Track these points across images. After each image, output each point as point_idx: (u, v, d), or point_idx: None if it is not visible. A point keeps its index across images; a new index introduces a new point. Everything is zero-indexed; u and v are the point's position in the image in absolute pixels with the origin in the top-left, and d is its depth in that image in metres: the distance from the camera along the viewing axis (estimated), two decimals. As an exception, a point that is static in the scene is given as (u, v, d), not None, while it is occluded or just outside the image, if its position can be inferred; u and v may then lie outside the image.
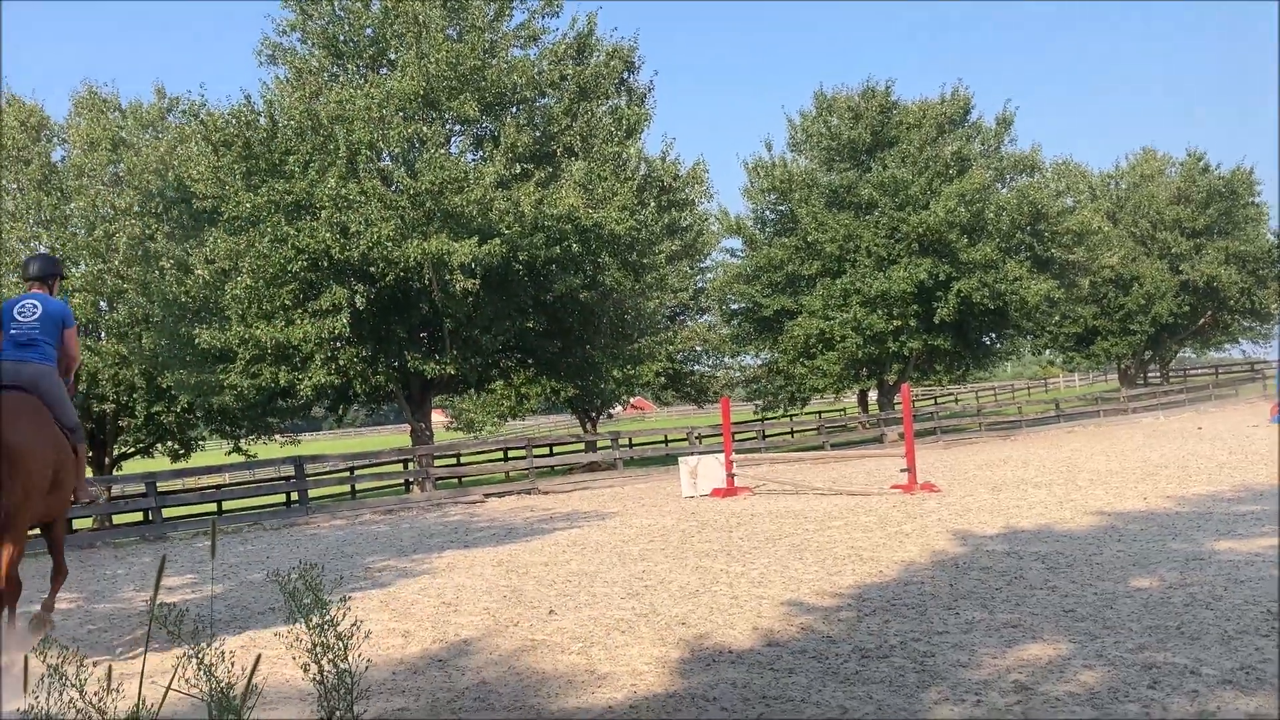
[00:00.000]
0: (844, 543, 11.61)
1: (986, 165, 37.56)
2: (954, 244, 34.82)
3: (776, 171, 39.51)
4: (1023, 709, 5.20)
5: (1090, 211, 42.41)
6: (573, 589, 9.70)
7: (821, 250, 37.28)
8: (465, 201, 22.27)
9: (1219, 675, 5.56)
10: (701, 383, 42.40)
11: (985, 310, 36.07)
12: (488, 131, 26.08)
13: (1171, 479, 16.07)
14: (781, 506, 16.35)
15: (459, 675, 6.72)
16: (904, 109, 38.77)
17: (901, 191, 35.89)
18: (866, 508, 15.17)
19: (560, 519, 17.16)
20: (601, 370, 28.75)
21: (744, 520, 14.67)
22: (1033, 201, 36.55)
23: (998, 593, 8.16)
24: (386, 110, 23.10)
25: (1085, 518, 12.26)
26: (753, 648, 6.89)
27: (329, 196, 22.27)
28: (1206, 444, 23.12)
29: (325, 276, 23.12)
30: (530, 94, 25.85)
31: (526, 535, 14.88)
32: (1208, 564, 8.75)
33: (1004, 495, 15.46)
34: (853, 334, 36.19)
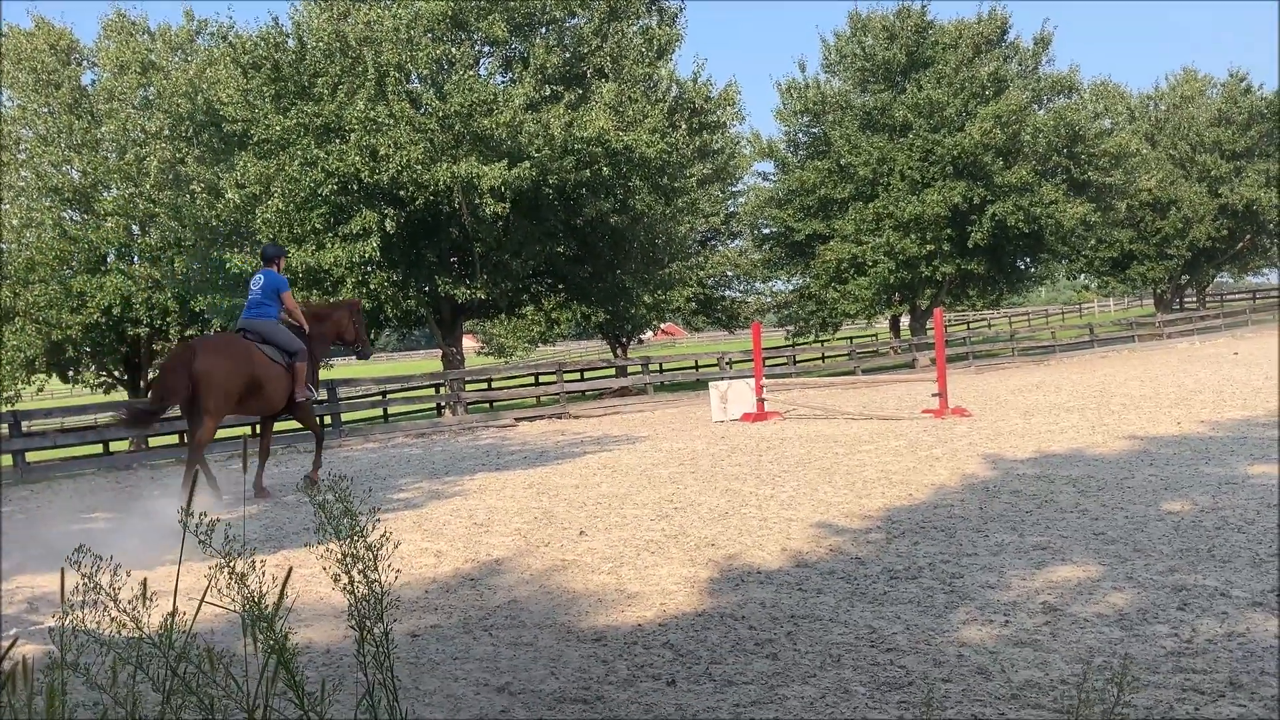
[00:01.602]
0: (874, 466, 11.62)
1: (1023, 86, 36.94)
2: (989, 167, 34.38)
3: (810, 93, 39.04)
4: (1051, 629, 5.21)
5: (1128, 134, 41.70)
6: (603, 511, 9.76)
7: (854, 173, 36.92)
8: (494, 124, 22.13)
9: (1249, 597, 5.54)
10: (733, 308, 42.29)
11: (1020, 234, 35.71)
12: (517, 53, 25.83)
13: (1206, 404, 15.94)
14: (812, 431, 16.36)
15: (490, 594, 6.80)
16: (940, 29, 38.10)
17: (936, 113, 35.40)
18: (897, 432, 15.16)
19: (590, 443, 17.24)
20: (632, 295, 28.73)
21: (774, 444, 14.70)
22: (1070, 123, 35.94)
23: (1028, 516, 8.15)
24: (415, 31, 22.90)
25: (1117, 442, 12.20)
26: (781, 568, 6.92)
27: (358, 119, 22.18)
28: (1242, 369, 22.89)
29: (355, 200, 23.11)
30: (560, 14, 25.54)
31: (557, 458, 14.97)
32: (1240, 488, 8.69)
33: (1036, 420, 15.39)
34: (885, 259, 35.95)
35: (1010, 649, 4.94)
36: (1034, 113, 36.66)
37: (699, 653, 5.21)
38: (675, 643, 5.40)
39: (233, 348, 11.78)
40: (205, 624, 5.66)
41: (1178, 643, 4.90)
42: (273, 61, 23.12)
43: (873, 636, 5.29)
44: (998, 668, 4.68)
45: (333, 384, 23.90)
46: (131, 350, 30.46)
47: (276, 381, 12.08)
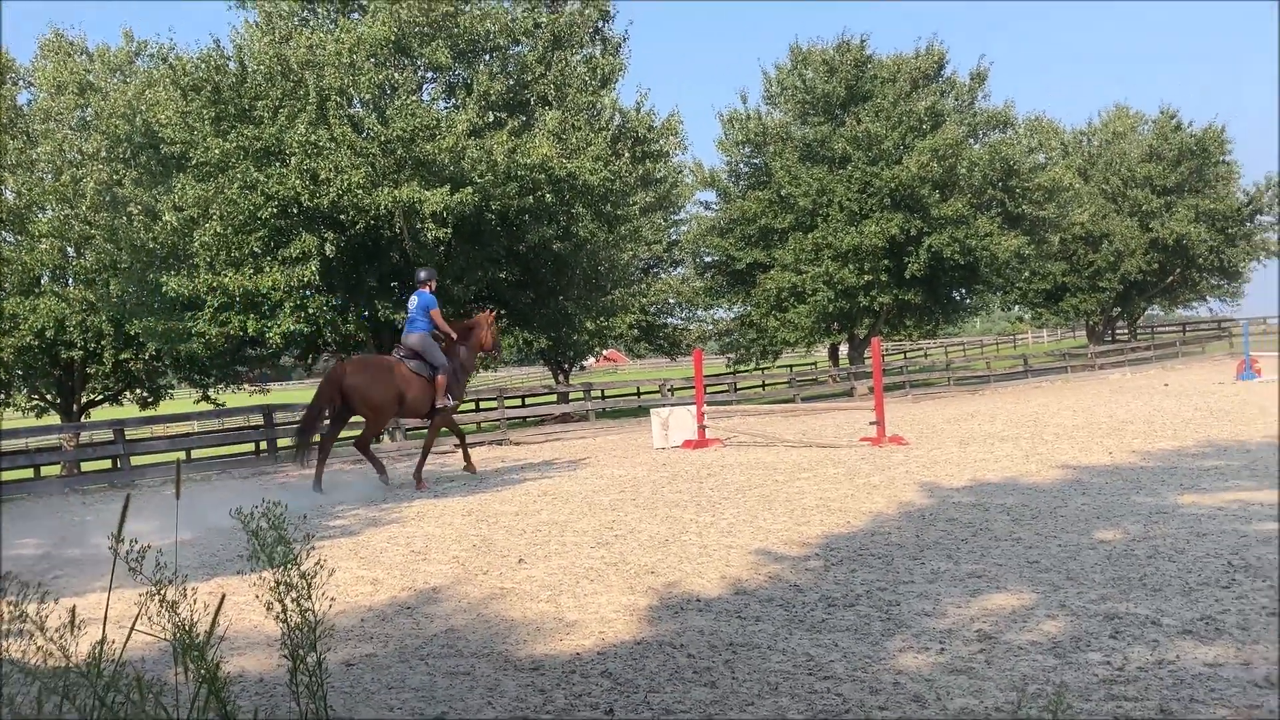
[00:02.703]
0: (813, 494, 11.69)
1: (959, 121, 37.57)
2: (926, 199, 34.90)
3: (751, 124, 39.42)
4: (986, 657, 5.27)
5: (1062, 168, 42.53)
6: (543, 538, 9.73)
7: (795, 204, 37.30)
8: (437, 149, 22.09)
9: (1179, 625, 5.64)
10: (674, 335, 42.45)
11: (956, 265, 36.25)
12: (460, 79, 25.83)
13: (1137, 434, 16.23)
14: (752, 458, 16.43)
15: (427, 622, 6.75)
16: (878, 63, 38.70)
17: (875, 146, 35.88)
18: (835, 459, 15.27)
19: (531, 469, 17.19)
20: (575, 322, 28.72)
21: (714, 471, 14.75)
22: (1005, 157, 36.64)
23: (963, 544, 8.24)
24: (357, 56, 22.81)
25: (1051, 471, 12.39)
26: (721, 596, 6.94)
27: (299, 143, 22.02)
28: (1173, 400, 23.36)
29: (295, 224, 22.92)
30: (504, 41, 25.58)
31: (497, 485, 14.90)
32: (1171, 517, 8.86)
33: (971, 449, 15.58)
34: (824, 288, 36.29)
35: (946, 676, 4.99)
36: (970, 147, 37.30)
37: (637, 681, 5.21)
38: (614, 671, 5.40)
39: (377, 366, 14.33)
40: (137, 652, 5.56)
41: (1110, 670, 4.98)
42: (213, 84, 22.90)
43: (810, 664, 5.32)
44: (933, 695, 4.72)
45: (268, 409, 23.63)
46: (65, 374, 29.89)
47: (419, 392, 14.41)
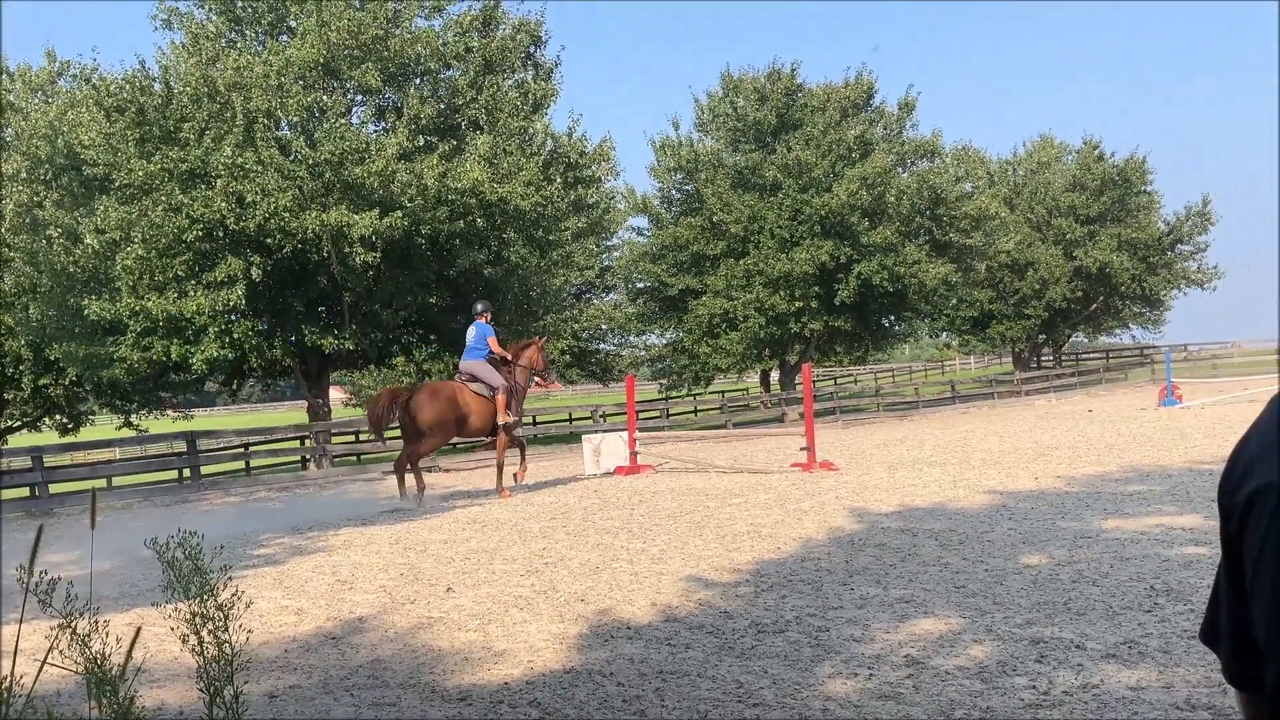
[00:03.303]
0: (743, 520, 11.69)
1: (888, 150, 38.10)
2: (855, 227, 35.29)
3: (683, 151, 39.63)
4: (914, 682, 5.27)
5: (988, 197, 43.28)
6: (471, 566, 9.62)
7: (726, 230, 37.52)
8: (366, 173, 21.93)
9: (1103, 649, 5.70)
10: (606, 361, 42.38)
11: (885, 293, 36.66)
12: (390, 103, 25.70)
13: (1062, 460, 16.47)
14: (683, 484, 16.42)
15: (353, 653, 6.62)
16: (809, 92, 39.13)
17: (805, 174, 36.24)
18: (766, 485, 15.30)
19: (461, 496, 17.02)
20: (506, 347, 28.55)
21: (646, 497, 14.70)
22: (932, 186, 37.21)
23: (892, 569, 8.28)
24: (285, 78, 22.62)
25: (978, 496, 12.51)
26: (651, 623, 6.89)
27: (225, 165, 21.74)
28: (1096, 426, 23.77)
29: (220, 247, 22.60)
30: (434, 65, 25.52)
31: (426, 512, 14.72)
32: (1095, 542, 8.97)
33: (900, 474, 15.71)
34: (755, 314, 36.51)
35: (874, 702, 4.99)
36: (898, 175, 37.84)
37: (566, 711, 5.14)
38: (542, 701, 5.32)
39: (442, 390, 15.73)
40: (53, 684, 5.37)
41: (1035, 695, 5.00)
42: (138, 105, 22.55)
43: (740, 691, 5.29)
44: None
45: (192, 435, 23.20)
46: (-20, 398, 29.15)
47: (482, 411, 15.75)
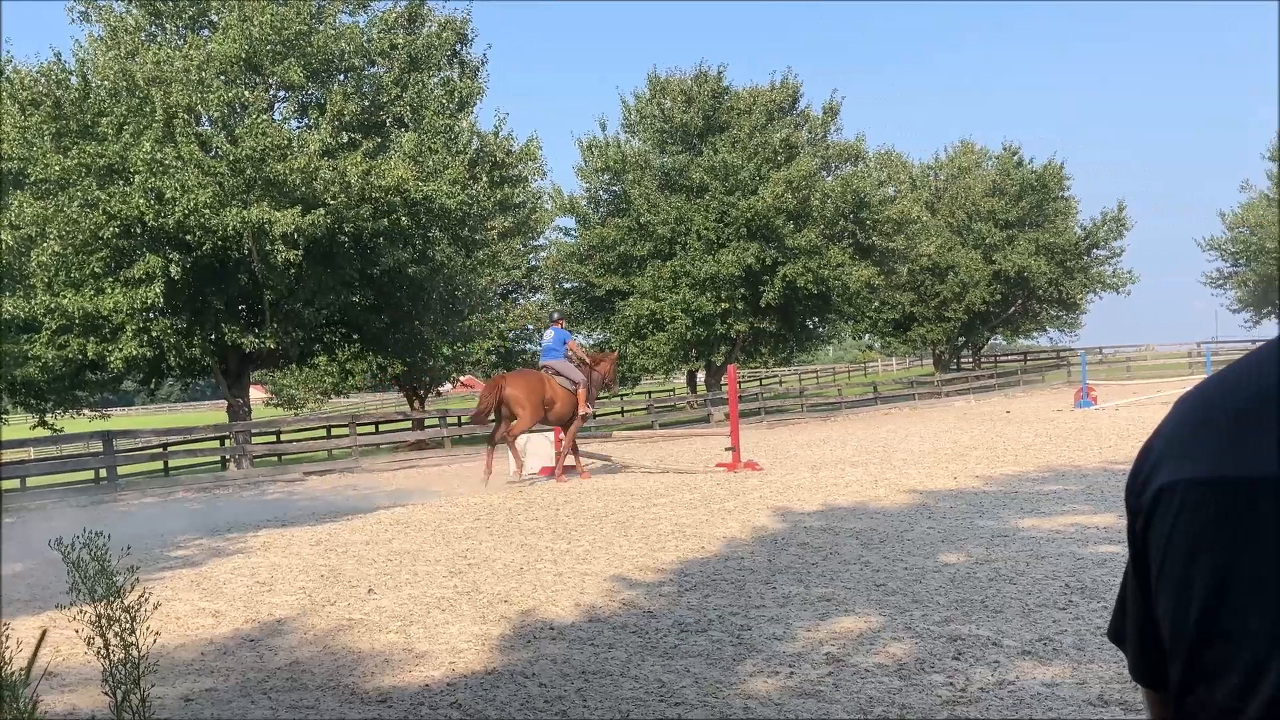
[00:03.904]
0: (668, 519, 11.72)
1: (813, 153, 38.45)
2: (780, 229, 35.56)
3: (610, 152, 39.62)
4: (834, 680, 5.32)
5: (910, 201, 43.83)
6: (393, 568, 9.53)
7: (653, 232, 37.59)
8: (288, 170, 21.63)
9: (1019, 646, 5.80)
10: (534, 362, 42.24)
11: (809, 295, 36.98)
12: (313, 99, 25.39)
13: (980, 460, 16.74)
14: (609, 484, 16.42)
15: (271, 655, 6.53)
16: (735, 95, 39.34)
17: (731, 176, 36.43)
18: (691, 485, 15.36)
19: (383, 497, 16.86)
20: (430, 347, 28.38)
21: (571, 498, 14.68)
22: (856, 190, 37.62)
23: (814, 567, 8.35)
24: (207, 73, 22.25)
25: (899, 496, 12.67)
26: (574, 623, 6.88)
27: (144, 161, 21.31)
28: (1014, 427, 24.19)
29: (139, 244, 22.16)
30: (359, 62, 25.26)
31: (348, 514, 14.56)
32: (1012, 540, 9.13)
33: (823, 474, 15.86)
34: (682, 315, 36.61)
35: (795, 700, 5.03)
36: (823, 179, 38.20)
37: (487, 712, 5.11)
38: (463, 702, 5.29)
39: (532, 378, 17.56)
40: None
41: (953, 691, 5.07)
42: (54, 99, 22.00)
43: (662, 690, 5.29)
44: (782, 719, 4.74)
45: (109, 435, 22.71)
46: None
47: (565, 400, 17.45)
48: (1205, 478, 1.07)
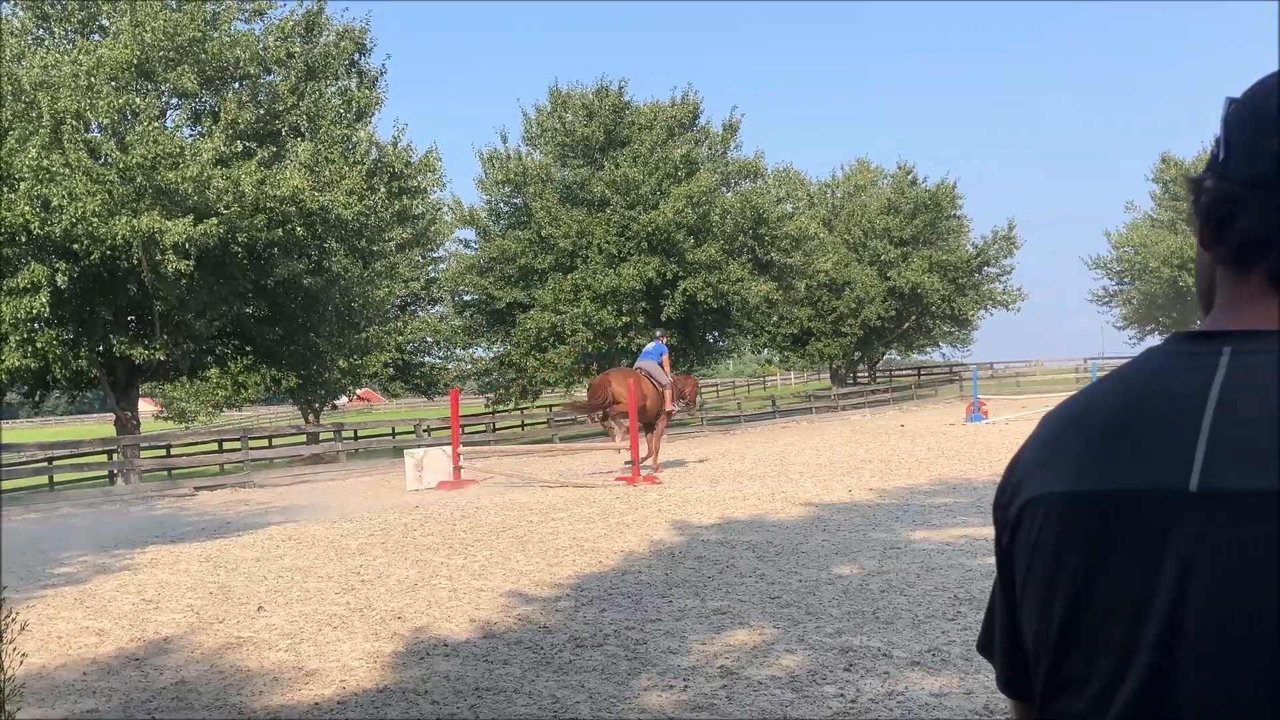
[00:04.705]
0: (566, 534, 11.70)
1: (713, 169, 38.80)
2: (681, 244, 35.82)
3: (511, 164, 39.52)
4: (728, 693, 5.36)
5: (808, 218, 44.46)
6: (284, 585, 9.36)
7: (555, 245, 37.58)
8: (180, 178, 21.16)
9: (909, 657, 5.90)
10: (431, 375, 41.78)
11: (709, 309, 37.27)
12: (207, 106, 24.88)
13: (875, 473, 17.02)
14: (508, 499, 16.33)
15: (156, 675, 6.37)
16: (636, 110, 39.55)
17: (633, 190, 36.59)
18: (591, 499, 15.35)
19: (276, 513, 16.55)
20: (326, 359, 27.96)
21: (469, 513, 14.56)
22: (755, 206, 38.05)
23: (710, 581, 8.41)
24: (96, 78, 21.67)
25: (795, 509, 12.82)
26: (469, 640, 6.83)
27: (29, 167, 20.65)
28: (907, 440, 24.63)
29: (23, 253, 21.46)
30: (254, 70, 24.81)
31: (239, 530, 14.26)
32: (904, 552, 9.29)
33: (721, 487, 15.97)
34: (583, 328, 36.61)
35: (688, 714, 5.05)
36: (722, 195, 38.56)
37: (378, 731, 5.05)
38: (354, 721, 5.21)
39: (630, 377, 19.48)
40: None
41: (843, 703, 5.15)
42: (-69, 101, 21.26)
43: (556, 706, 5.28)
44: (676, 733, 4.76)
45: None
46: None
47: (654, 398, 19.64)
48: (1067, 491, 1.10)
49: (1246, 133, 1.10)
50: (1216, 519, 0.99)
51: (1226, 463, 1.00)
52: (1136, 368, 1.14)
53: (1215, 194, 1.11)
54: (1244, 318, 1.08)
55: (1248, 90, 1.14)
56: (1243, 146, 1.10)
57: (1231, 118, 1.13)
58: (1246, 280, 1.09)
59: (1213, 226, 1.12)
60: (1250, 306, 1.08)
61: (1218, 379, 1.04)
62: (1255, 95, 1.12)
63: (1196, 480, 1.01)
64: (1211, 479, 1.00)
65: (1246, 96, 1.13)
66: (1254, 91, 1.13)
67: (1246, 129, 1.11)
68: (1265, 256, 1.07)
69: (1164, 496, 1.03)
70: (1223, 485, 0.99)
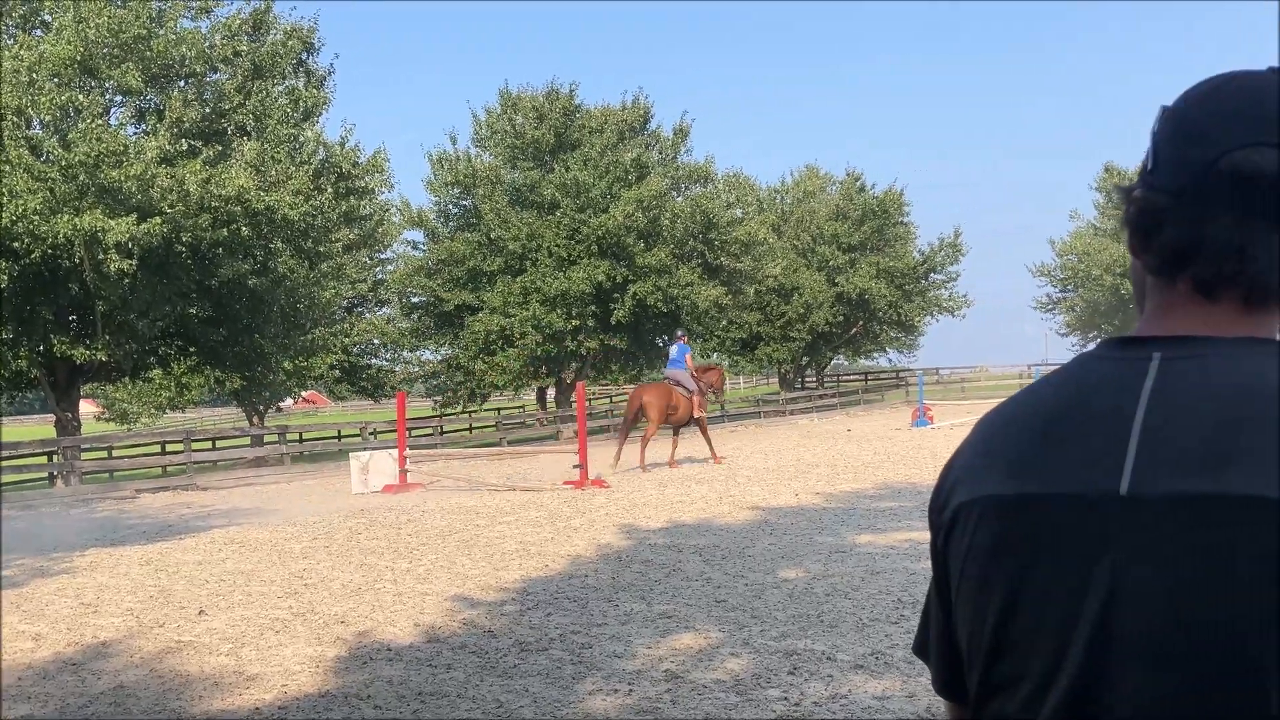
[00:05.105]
0: (513, 538, 11.66)
1: (664, 173, 38.84)
2: (631, 248, 35.83)
3: (460, 166, 39.33)
4: (672, 697, 5.37)
5: (757, 223, 44.61)
6: (227, 588, 9.25)
7: (504, 247, 37.45)
8: (124, 176, 20.85)
9: (852, 660, 5.94)
10: (378, 377, 41.47)
11: (659, 313, 37.31)
12: (152, 104, 24.54)
13: (821, 477, 17.12)
14: (454, 502, 16.24)
15: (94, 679, 6.28)
16: (587, 113, 39.51)
17: (583, 194, 36.56)
18: (538, 503, 15.31)
19: (219, 516, 16.36)
20: (271, 361, 27.67)
21: (414, 517, 14.47)
22: (705, 211, 38.14)
23: (656, 585, 8.42)
24: (38, 75, 21.30)
25: (742, 512, 12.86)
26: (413, 644, 6.79)
27: (-33, 164, 20.29)
28: (854, 445, 24.81)
29: (-39, 251, 21.06)
30: (200, 68, 24.50)
31: (181, 533, 14.08)
32: (849, 556, 9.36)
33: (669, 490, 15.99)
34: (532, 331, 36.50)
35: (632, 717, 5.06)
36: (673, 199, 38.62)
37: (320, 736, 5.00)
38: (295, 726, 5.16)
39: (660, 388, 21.56)
40: None
41: (787, 706, 5.17)
42: None
43: (499, 711, 5.26)
44: (619, 737, 4.76)
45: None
46: None
47: (684, 405, 21.29)
48: (999, 495, 1.12)
49: (1174, 143, 1.13)
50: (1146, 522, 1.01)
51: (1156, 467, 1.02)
52: (1069, 373, 1.15)
53: (1142, 204, 1.13)
54: (1172, 324, 1.10)
55: (1177, 99, 1.16)
56: (1169, 156, 1.13)
57: (1160, 127, 1.15)
58: (1173, 288, 1.11)
59: (1140, 236, 1.14)
60: (1178, 313, 1.10)
61: (1147, 384, 1.06)
62: (1182, 105, 1.15)
63: (1127, 484, 1.03)
64: (1141, 483, 1.02)
65: (1174, 106, 1.16)
66: (1181, 101, 1.15)
67: (1174, 139, 1.13)
68: (1190, 265, 1.09)
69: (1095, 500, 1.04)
70: (1152, 489, 1.01)
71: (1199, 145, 1.09)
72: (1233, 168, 1.06)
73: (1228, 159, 1.06)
